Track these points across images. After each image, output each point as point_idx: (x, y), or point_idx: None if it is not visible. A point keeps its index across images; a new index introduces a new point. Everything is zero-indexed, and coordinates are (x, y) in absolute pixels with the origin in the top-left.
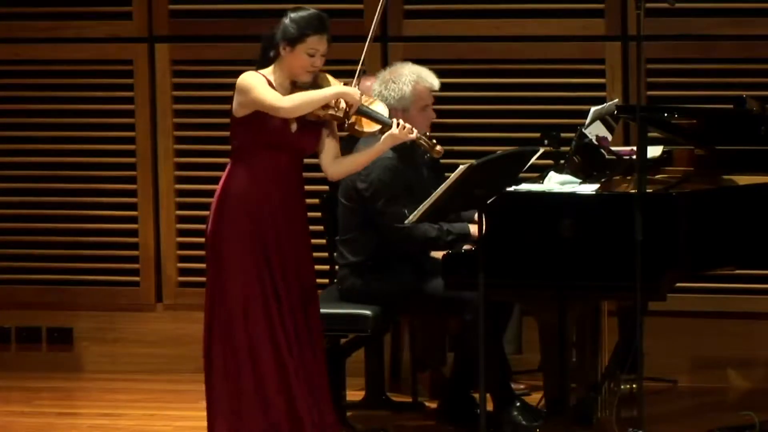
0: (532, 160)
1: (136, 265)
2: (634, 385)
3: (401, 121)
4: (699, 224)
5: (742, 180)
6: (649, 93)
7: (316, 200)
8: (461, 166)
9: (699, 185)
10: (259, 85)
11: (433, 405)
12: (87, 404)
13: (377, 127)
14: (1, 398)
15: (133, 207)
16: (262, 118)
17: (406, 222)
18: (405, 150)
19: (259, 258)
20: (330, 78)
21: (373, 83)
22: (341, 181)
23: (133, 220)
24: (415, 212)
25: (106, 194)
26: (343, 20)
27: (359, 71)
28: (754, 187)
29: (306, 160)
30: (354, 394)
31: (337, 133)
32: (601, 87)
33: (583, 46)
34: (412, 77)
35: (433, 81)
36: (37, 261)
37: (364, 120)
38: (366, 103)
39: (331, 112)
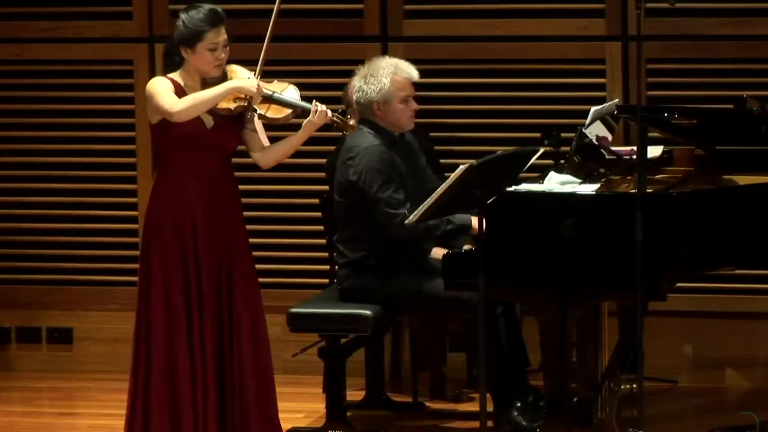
0: (532, 160)
1: (136, 265)
2: (634, 385)
3: (316, 104)
4: (699, 224)
5: (743, 180)
6: (650, 93)
7: (316, 200)
8: (461, 166)
9: (699, 185)
10: (159, 91)
11: (433, 405)
12: (87, 404)
13: (288, 111)
14: (1, 398)
15: (133, 207)
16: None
17: (406, 222)
18: (385, 133)
19: (186, 267)
20: (238, 70)
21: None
22: (334, 179)
23: (133, 219)
24: (415, 212)
25: (107, 194)
26: (342, 20)
27: (261, 65)
28: (755, 187)
29: (304, 161)
30: (354, 394)
31: (260, 124)
32: (601, 87)
33: (583, 46)
34: (390, 69)
35: (412, 71)
36: (38, 261)
37: (273, 107)
38: (278, 90)
39: (240, 103)
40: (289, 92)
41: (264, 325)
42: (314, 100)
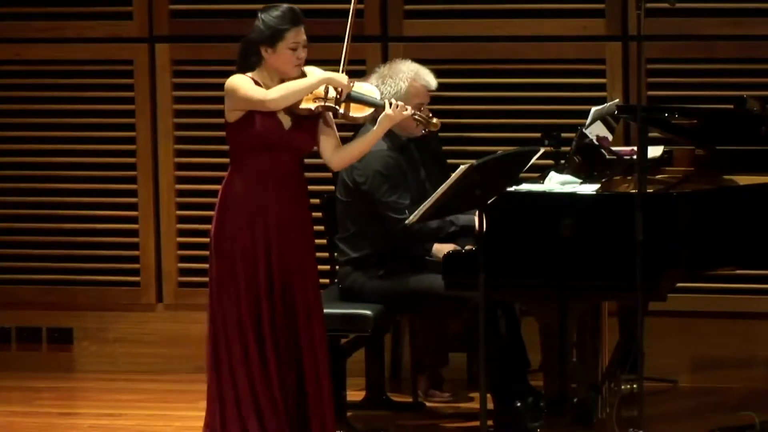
0: (533, 160)
1: (136, 265)
2: (634, 385)
3: (393, 100)
4: (699, 224)
5: (743, 180)
6: (650, 93)
7: (317, 200)
8: (461, 167)
9: (699, 185)
10: (244, 84)
11: (433, 405)
12: (87, 404)
13: (369, 110)
14: (2, 398)
15: (133, 207)
16: (254, 119)
17: (406, 222)
18: (394, 137)
19: (255, 267)
20: (316, 71)
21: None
22: (338, 179)
23: (133, 220)
24: (415, 212)
25: (107, 194)
26: (343, 20)
27: (343, 64)
28: (755, 187)
29: (306, 161)
30: (354, 394)
31: (334, 124)
32: (601, 87)
33: (583, 46)
34: (410, 74)
35: (430, 80)
36: (38, 261)
37: (354, 105)
38: (355, 88)
39: (322, 103)
40: (369, 90)
41: (324, 329)
42: (392, 99)
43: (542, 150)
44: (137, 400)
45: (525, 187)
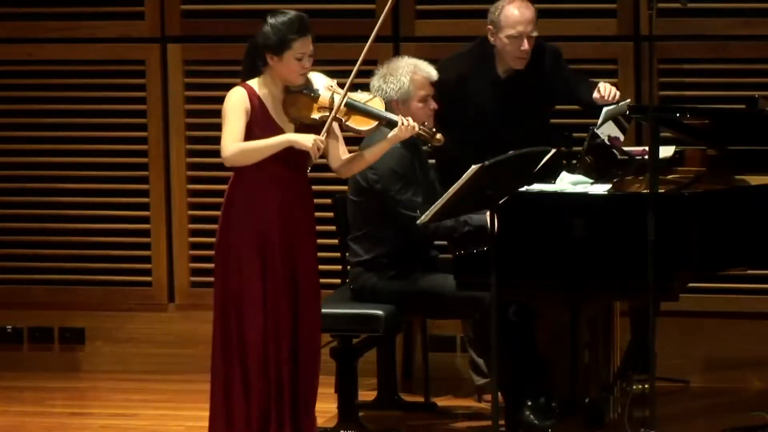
0: (544, 160)
1: (148, 265)
2: (646, 386)
3: (403, 118)
4: (711, 224)
5: (755, 180)
6: (662, 93)
7: (328, 200)
8: (473, 167)
9: (711, 185)
10: (229, 117)
11: (443, 403)
12: (99, 404)
13: (374, 123)
14: (14, 398)
15: (145, 207)
16: (255, 127)
17: (417, 222)
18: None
19: (260, 267)
20: (318, 76)
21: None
22: (349, 179)
23: (145, 220)
24: (427, 212)
25: (119, 194)
26: (354, 20)
27: (352, 76)
28: (766, 187)
29: (316, 162)
30: (366, 395)
31: (340, 133)
32: None
33: (595, 46)
34: (409, 68)
35: (431, 71)
36: (50, 261)
37: (360, 118)
38: (363, 101)
39: (324, 113)
40: (375, 103)
41: (319, 336)
42: (400, 115)
43: (553, 150)
44: (149, 400)
45: (537, 187)
